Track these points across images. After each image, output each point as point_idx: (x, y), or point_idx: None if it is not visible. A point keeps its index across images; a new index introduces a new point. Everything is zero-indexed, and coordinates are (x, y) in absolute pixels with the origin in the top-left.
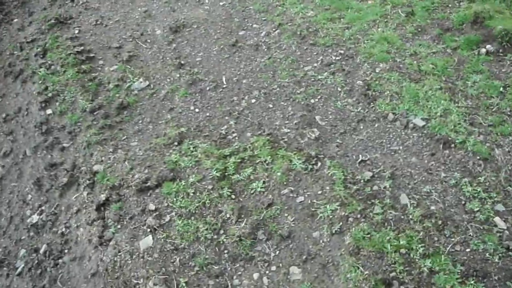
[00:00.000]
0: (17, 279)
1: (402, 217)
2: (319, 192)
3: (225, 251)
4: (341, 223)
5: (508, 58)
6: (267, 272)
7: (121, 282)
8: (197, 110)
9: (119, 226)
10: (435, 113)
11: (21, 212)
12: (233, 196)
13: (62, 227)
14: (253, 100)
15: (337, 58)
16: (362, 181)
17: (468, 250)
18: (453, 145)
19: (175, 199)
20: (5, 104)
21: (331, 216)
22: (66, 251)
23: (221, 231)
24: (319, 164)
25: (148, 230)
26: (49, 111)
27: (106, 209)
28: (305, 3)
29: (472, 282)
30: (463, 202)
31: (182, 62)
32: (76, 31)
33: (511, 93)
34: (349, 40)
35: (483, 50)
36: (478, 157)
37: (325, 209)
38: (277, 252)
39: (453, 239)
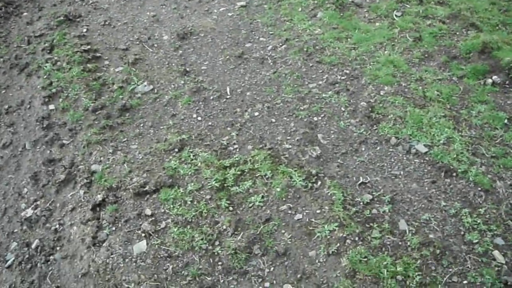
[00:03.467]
0: (6, 272)
1: (400, 243)
2: (318, 211)
3: (219, 263)
4: (338, 244)
5: None
6: (260, 287)
7: (111, 285)
8: (199, 118)
9: (113, 228)
10: (438, 140)
11: (15, 204)
12: (230, 208)
13: (56, 223)
14: (256, 113)
15: (342, 77)
16: (361, 203)
17: (465, 282)
18: (454, 174)
19: (172, 206)
20: (8, 96)
21: (328, 237)
22: (58, 248)
23: (217, 242)
24: (319, 183)
25: (143, 235)
26: (51, 107)
27: (102, 210)
28: (313, 21)
29: None
30: (462, 233)
31: (187, 69)
32: (84, 30)
33: None
34: (355, 61)
35: (489, 81)
36: (479, 188)
37: (323, 229)
38: (272, 268)
39: (450, 270)
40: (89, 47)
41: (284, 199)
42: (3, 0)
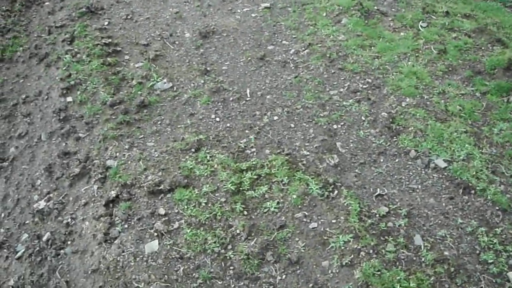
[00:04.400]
0: (15, 263)
1: (415, 258)
2: (333, 221)
3: (231, 268)
4: (352, 256)
5: None
6: None
7: (121, 283)
8: (217, 119)
9: (126, 226)
10: (458, 156)
11: (28, 196)
12: (245, 213)
13: (68, 217)
14: (275, 117)
15: (364, 86)
16: (377, 215)
17: None
18: (473, 191)
19: (186, 207)
20: (26, 86)
21: (342, 247)
22: (69, 242)
23: (229, 247)
24: (336, 192)
25: (155, 234)
26: (69, 99)
27: (115, 206)
28: (337, 26)
29: None
30: (477, 252)
31: (208, 68)
32: (106, 23)
33: None
34: (377, 70)
35: None
36: (497, 207)
37: (338, 239)
38: (284, 276)
39: None
40: (110, 40)
41: (299, 206)
42: None
